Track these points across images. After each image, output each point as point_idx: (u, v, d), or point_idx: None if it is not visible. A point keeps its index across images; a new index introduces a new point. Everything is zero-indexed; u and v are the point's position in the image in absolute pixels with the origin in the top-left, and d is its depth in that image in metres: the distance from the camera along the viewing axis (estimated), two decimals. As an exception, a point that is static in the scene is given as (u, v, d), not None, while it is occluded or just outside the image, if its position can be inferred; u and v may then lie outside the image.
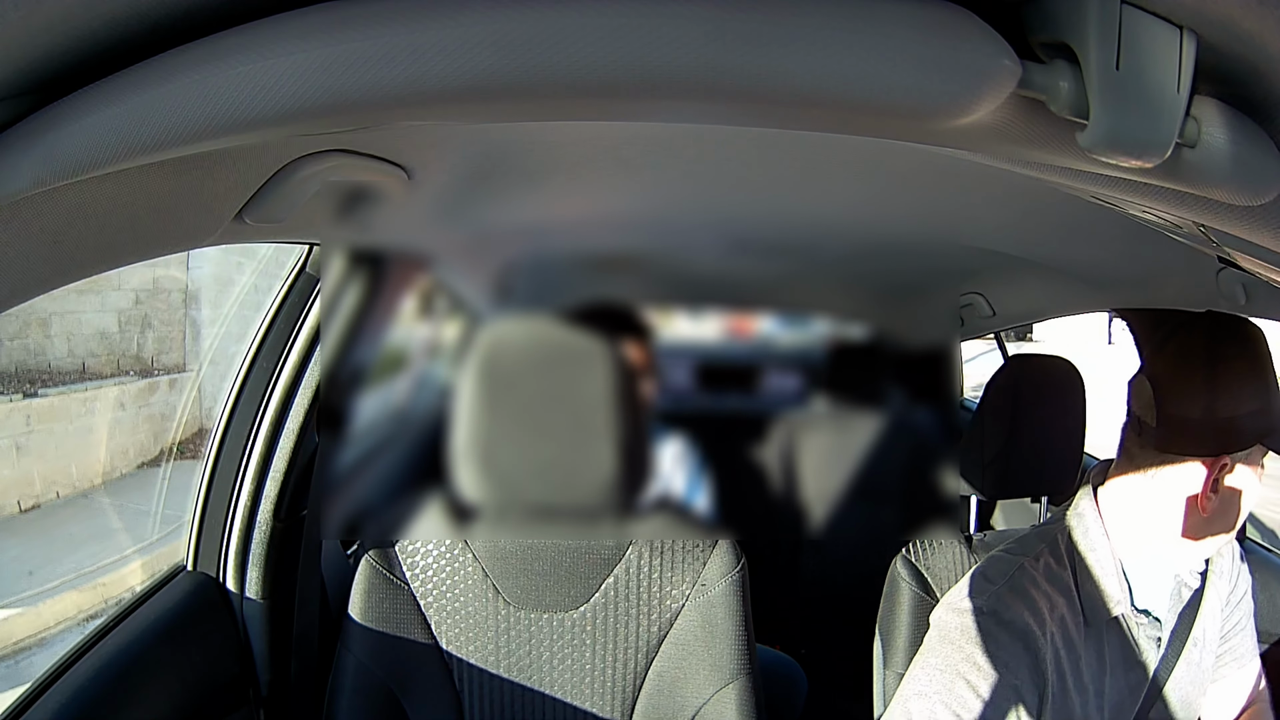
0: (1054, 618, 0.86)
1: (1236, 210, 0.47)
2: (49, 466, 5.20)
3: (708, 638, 1.11)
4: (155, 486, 5.35)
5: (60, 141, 0.37)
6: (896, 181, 0.94)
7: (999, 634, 0.85)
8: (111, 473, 5.62)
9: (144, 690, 1.04)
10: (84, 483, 5.41)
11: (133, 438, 5.88)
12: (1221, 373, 0.86)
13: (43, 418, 5.26)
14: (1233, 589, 1.00)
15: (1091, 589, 0.88)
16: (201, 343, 6.49)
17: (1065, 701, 0.85)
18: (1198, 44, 0.38)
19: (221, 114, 0.36)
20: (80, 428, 5.50)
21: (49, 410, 5.33)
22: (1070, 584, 0.89)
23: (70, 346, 5.86)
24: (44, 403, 5.33)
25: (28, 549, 4.63)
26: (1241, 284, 0.94)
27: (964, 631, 0.86)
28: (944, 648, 0.87)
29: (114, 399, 5.79)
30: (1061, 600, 0.87)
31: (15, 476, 4.98)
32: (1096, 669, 0.87)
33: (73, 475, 5.35)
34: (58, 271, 0.54)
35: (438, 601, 1.11)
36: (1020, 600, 0.86)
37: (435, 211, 1.03)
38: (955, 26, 0.36)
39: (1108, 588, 0.88)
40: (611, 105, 0.39)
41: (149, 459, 5.92)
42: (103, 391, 5.74)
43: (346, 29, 0.34)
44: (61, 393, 5.48)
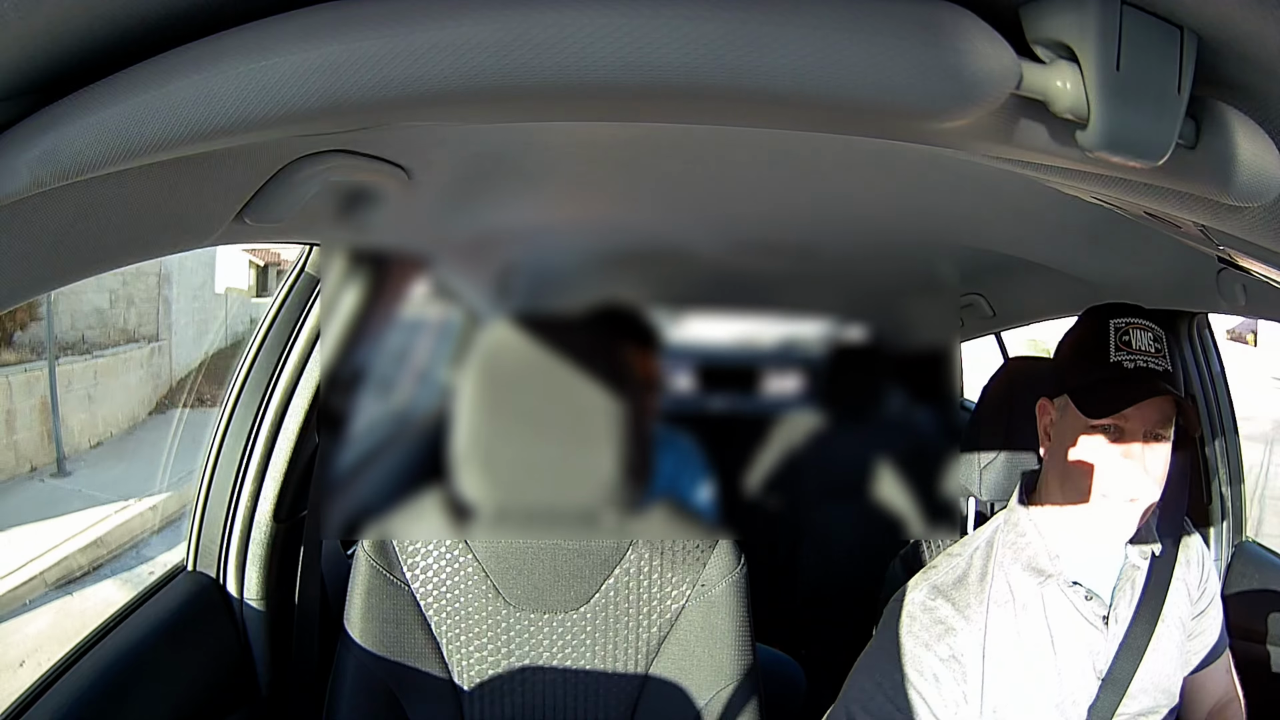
0: (985, 597, 0.94)
1: (1237, 211, 0.47)
2: (107, 410, 7.12)
3: (708, 638, 1.11)
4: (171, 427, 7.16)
5: (60, 141, 0.37)
6: (897, 182, 0.94)
7: (922, 617, 0.95)
8: (139, 416, 7.58)
9: (144, 690, 1.04)
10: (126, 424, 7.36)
11: (147, 390, 7.81)
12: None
13: (102, 374, 7.05)
14: (1203, 579, 1.03)
15: (1022, 564, 0.96)
16: (173, 317, 8.33)
17: (1006, 666, 0.93)
18: (1198, 44, 0.38)
19: (221, 114, 0.36)
20: (122, 383, 7.40)
21: (107, 368, 7.14)
22: (1007, 561, 0.97)
23: (73, 321, 7.31)
24: (104, 362, 7.15)
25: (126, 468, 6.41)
26: (1241, 284, 0.94)
27: (895, 617, 0.97)
28: (880, 634, 0.98)
29: (137, 360, 7.63)
30: (998, 577, 0.95)
31: (87, 418, 6.79)
32: (1044, 634, 0.94)
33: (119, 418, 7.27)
34: (58, 271, 0.54)
35: (438, 602, 1.10)
36: (950, 586, 0.96)
37: (435, 211, 1.03)
38: (955, 27, 0.36)
39: (1034, 563, 0.95)
40: (611, 106, 0.39)
41: (155, 408, 7.85)
42: (132, 354, 7.61)
43: (346, 29, 0.34)
44: (114, 354, 7.32)
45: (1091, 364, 0.90)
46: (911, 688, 0.92)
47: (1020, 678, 0.93)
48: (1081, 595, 0.95)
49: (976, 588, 0.96)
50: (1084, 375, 0.90)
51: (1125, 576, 0.97)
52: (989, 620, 0.94)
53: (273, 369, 1.26)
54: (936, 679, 0.92)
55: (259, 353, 1.26)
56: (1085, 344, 0.92)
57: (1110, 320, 0.91)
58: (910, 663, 0.93)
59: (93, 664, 1.01)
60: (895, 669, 0.93)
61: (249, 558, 1.25)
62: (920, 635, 0.94)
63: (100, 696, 0.98)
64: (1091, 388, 0.88)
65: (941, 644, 0.93)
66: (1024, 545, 0.97)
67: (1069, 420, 0.91)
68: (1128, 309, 0.93)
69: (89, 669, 1.00)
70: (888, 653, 0.95)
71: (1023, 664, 0.93)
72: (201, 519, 1.25)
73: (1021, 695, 0.93)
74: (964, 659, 0.93)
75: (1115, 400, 0.86)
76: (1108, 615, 0.96)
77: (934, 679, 0.92)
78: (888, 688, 0.93)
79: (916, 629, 0.94)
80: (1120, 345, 0.89)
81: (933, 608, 0.95)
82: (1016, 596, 0.95)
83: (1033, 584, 0.95)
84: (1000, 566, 0.97)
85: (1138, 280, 1.17)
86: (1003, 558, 0.97)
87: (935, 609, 0.95)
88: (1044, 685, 0.93)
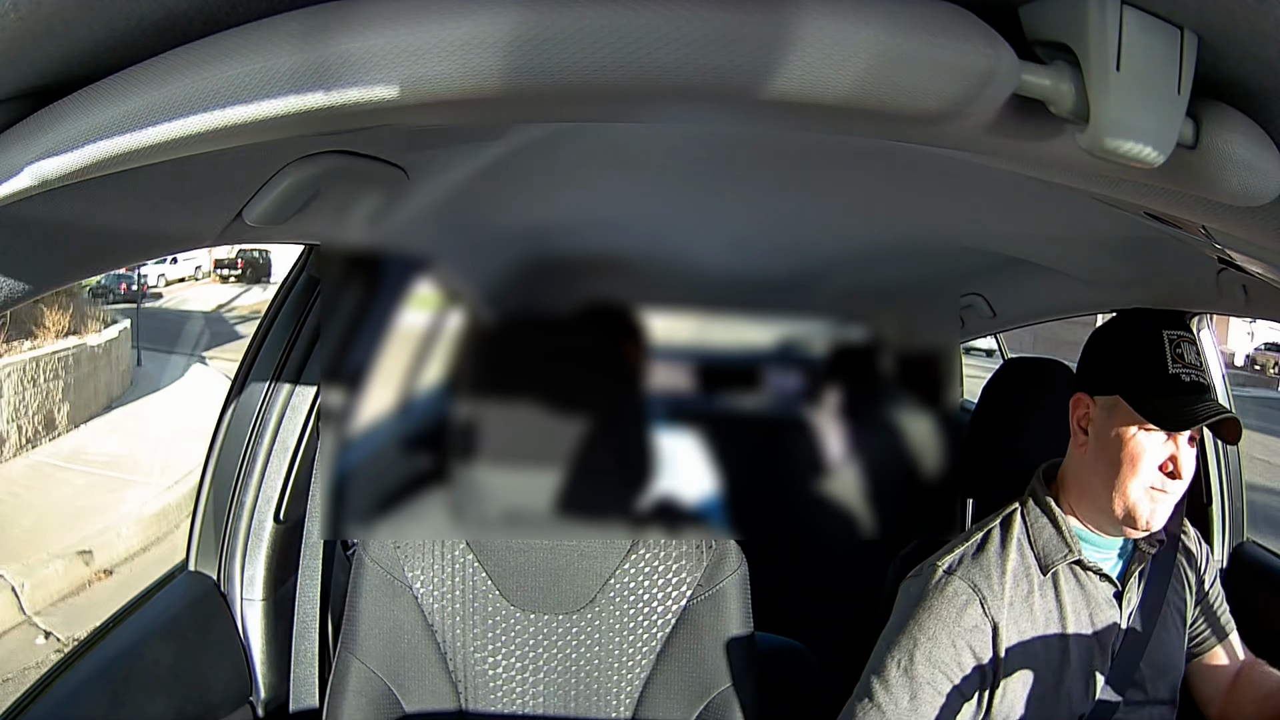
0: (1004, 573, 0.99)
1: (1237, 211, 0.47)
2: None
3: (710, 639, 1.10)
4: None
5: (60, 141, 0.37)
6: (897, 183, 0.94)
7: (940, 594, 0.99)
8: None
9: (143, 690, 1.04)
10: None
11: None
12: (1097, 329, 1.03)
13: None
14: (1205, 567, 1.11)
15: (1040, 545, 1.01)
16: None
17: (1024, 641, 0.97)
18: (1198, 44, 0.38)
19: (221, 115, 0.36)
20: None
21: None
22: (1025, 542, 1.02)
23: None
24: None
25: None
26: (1241, 284, 0.94)
27: (914, 595, 1.01)
28: (897, 613, 1.01)
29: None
30: (1014, 556, 1.00)
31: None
32: (1056, 612, 0.99)
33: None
34: (58, 272, 0.54)
35: (438, 602, 1.10)
36: (963, 566, 1.00)
37: (435, 211, 1.03)
38: (955, 27, 0.36)
39: (1052, 542, 1.01)
40: (611, 106, 0.39)
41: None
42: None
43: (345, 30, 0.34)
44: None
45: (1149, 373, 0.95)
46: (932, 664, 0.95)
47: (1035, 654, 0.97)
48: (1097, 576, 1.00)
49: (995, 565, 1.00)
50: (1141, 382, 0.96)
51: (1136, 562, 1.03)
52: (1006, 597, 0.98)
53: (273, 369, 1.26)
54: (956, 656, 0.96)
55: (259, 353, 1.26)
56: (1139, 352, 0.97)
57: (1163, 331, 0.97)
58: (929, 640, 0.96)
59: (93, 663, 1.01)
60: (916, 646, 0.96)
61: (249, 558, 1.25)
62: (940, 612, 0.97)
63: (100, 696, 0.98)
64: (1153, 397, 0.94)
65: (962, 621, 0.96)
66: (1042, 528, 1.02)
67: (1118, 419, 0.96)
68: (1174, 319, 0.99)
69: (89, 668, 1.00)
70: (907, 630, 0.98)
71: (1038, 641, 0.97)
72: (201, 519, 1.25)
73: (1034, 672, 0.97)
74: (982, 636, 0.96)
75: (1185, 417, 0.93)
76: (1121, 596, 1.01)
77: (953, 656, 0.96)
78: (906, 664, 0.96)
79: (938, 606, 0.98)
80: (1175, 358, 0.95)
81: (951, 585, 0.99)
82: (1033, 575, 1.00)
83: (1051, 563, 1.00)
84: (1018, 547, 1.01)
85: (1138, 280, 1.17)
86: (1021, 538, 1.02)
87: (955, 587, 0.98)
88: (1054, 663, 0.98)
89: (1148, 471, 0.95)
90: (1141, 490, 0.95)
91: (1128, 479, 0.95)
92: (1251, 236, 0.51)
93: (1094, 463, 0.98)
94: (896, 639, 0.98)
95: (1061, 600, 0.99)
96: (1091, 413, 1.00)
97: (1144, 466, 0.95)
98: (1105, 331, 1.04)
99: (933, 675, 0.95)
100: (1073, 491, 1.02)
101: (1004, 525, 1.03)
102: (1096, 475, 0.98)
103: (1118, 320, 1.05)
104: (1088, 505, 1.00)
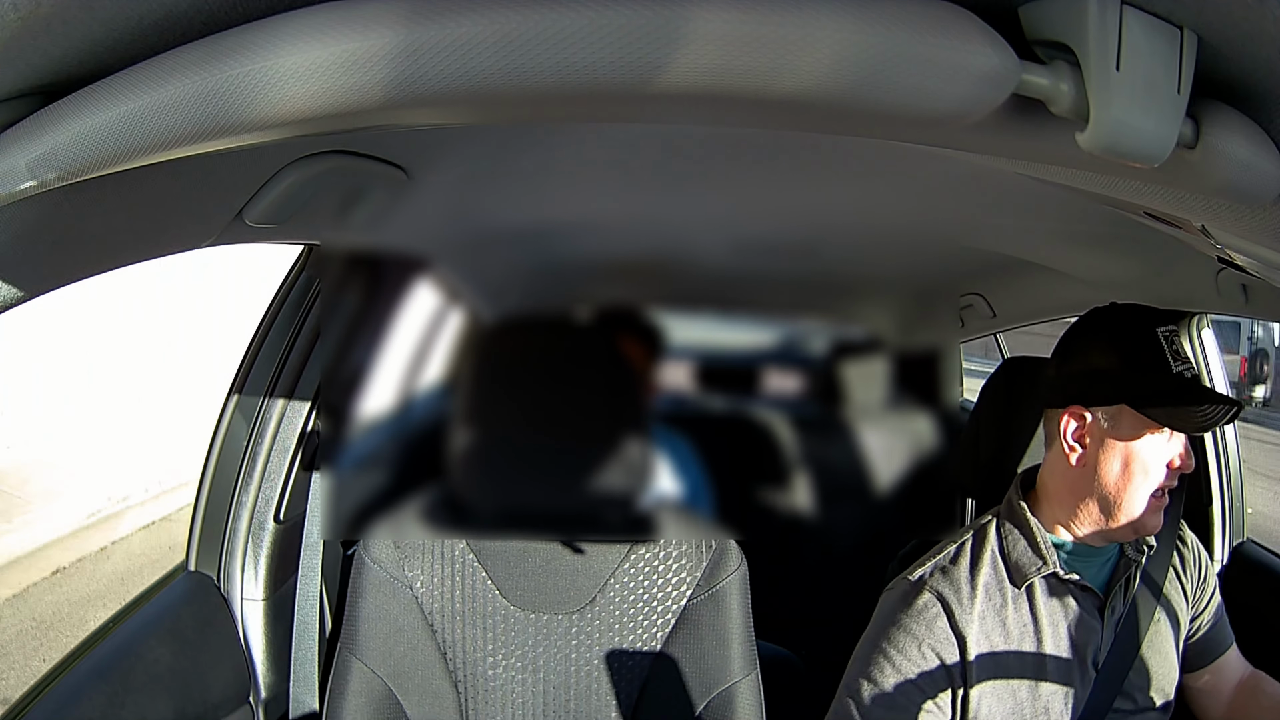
0: (975, 586, 0.97)
1: (1237, 211, 0.47)
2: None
3: (709, 638, 1.10)
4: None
5: (60, 141, 0.37)
6: (898, 183, 0.94)
7: (911, 608, 0.97)
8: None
9: (143, 690, 1.04)
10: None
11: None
12: (1072, 333, 1.00)
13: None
14: (1202, 577, 1.08)
15: (1014, 558, 0.99)
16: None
17: (995, 654, 0.95)
18: (1198, 44, 0.38)
19: (221, 114, 0.36)
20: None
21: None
22: (998, 554, 0.99)
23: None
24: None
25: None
26: (1241, 284, 0.94)
27: (886, 608, 0.99)
28: (871, 626, 1.00)
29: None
30: (986, 570, 0.98)
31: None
32: (1031, 626, 0.96)
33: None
34: (58, 272, 0.54)
35: (438, 602, 1.10)
36: (934, 578, 0.98)
37: (435, 211, 1.03)
38: (955, 27, 0.36)
39: (1025, 555, 0.98)
40: (613, 107, 0.39)
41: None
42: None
43: (347, 30, 0.34)
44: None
45: (1154, 378, 0.92)
46: (902, 677, 0.94)
47: (1008, 668, 0.95)
48: (1078, 588, 0.98)
49: (965, 579, 0.98)
50: (1148, 389, 0.92)
51: (1121, 570, 1.00)
52: (976, 610, 0.96)
53: (273, 369, 1.26)
54: (926, 670, 0.94)
55: (259, 353, 1.26)
56: (1138, 354, 0.93)
57: (1156, 329, 0.94)
58: (900, 653, 0.95)
59: (93, 663, 1.01)
60: (886, 660, 0.95)
61: (249, 558, 1.25)
62: (909, 626, 0.96)
63: (100, 696, 0.98)
64: (1165, 403, 0.91)
65: (930, 634, 0.95)
66: (1016, 540, 0.99)
67: (1125, 428, 0.93)
68: (1158, 313, 0.96)
69: (89, 668, 1.00)
70: (878, 644, 0.97)
71: (1011, 655, 0.96)
72: (202, 519, 1.25)
73: (1007, 686, 0.95)
74: (950, 648, 0.95)
75: (1204, 420, 0.90)
76: (1103, 607, 0.98)
77: (922, 670, 0.94)
78: (879, 679, 0.95)
79: (906, 620, 0.96)
80: (1174, 356, 0.92)
81: (922, 599, 0.97)
82: (1006, 588, 0.97)
83: (1025, 576, 0.97)
84: (991, 559, 0.99)
85: (1138, 280, 1.17)
86: (995, 551, 0.99)
87: (924, 600, 0.97)
88: (1029, 676, 0.96)
89: (1159, 474, 0.93)
90: (1150, 496, 0.93)
91: (1140, 487, 0.93)
92: (1251, 236, 0.51)
93: (1095, 475, 0.95)
94: (869, 654, 0.97)
95: (1037, 613, 0.96)
96: (1089, 425, 0.95)
97: (1155, 470, 0.93)
98: (1088, 336, 0.99)
99: (904, 688, 0.94)
100: (1058, 503, 0.99)
101: (977, 537, 1.01)
102: (1099, 487, 0.95)
103: (1096, 323, 0.99)
104: (1080, 517, 0.97)
